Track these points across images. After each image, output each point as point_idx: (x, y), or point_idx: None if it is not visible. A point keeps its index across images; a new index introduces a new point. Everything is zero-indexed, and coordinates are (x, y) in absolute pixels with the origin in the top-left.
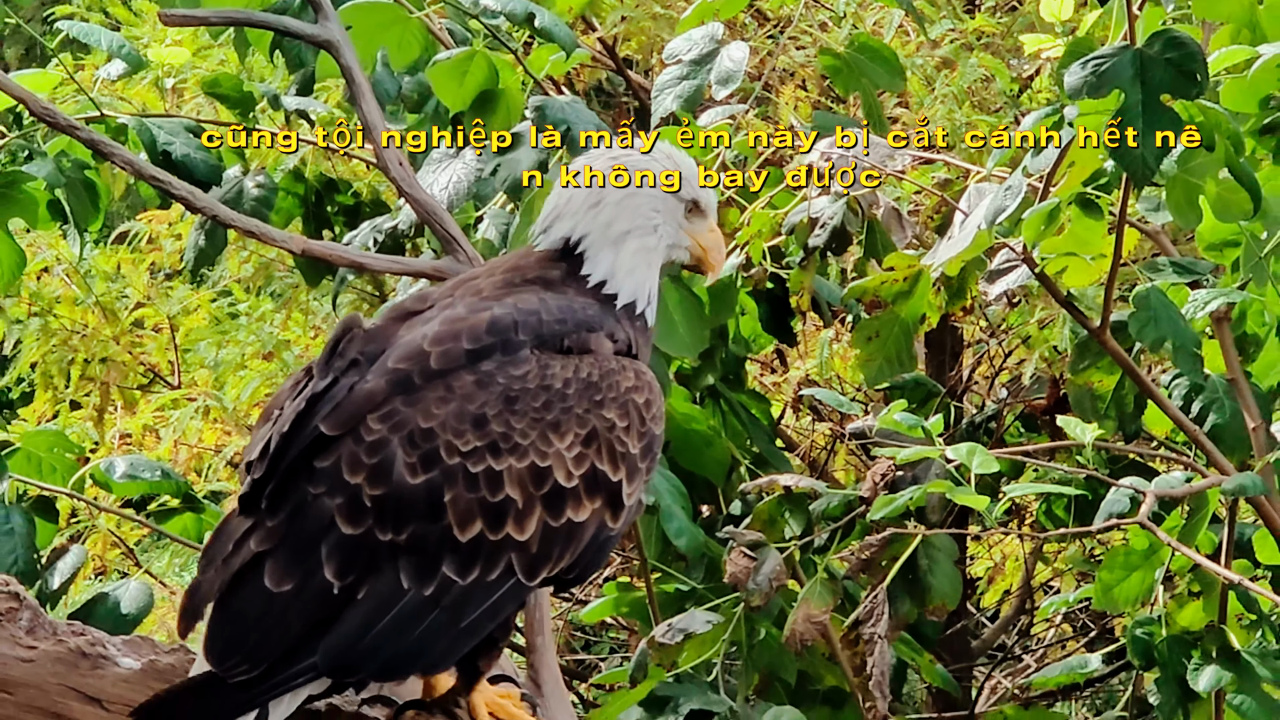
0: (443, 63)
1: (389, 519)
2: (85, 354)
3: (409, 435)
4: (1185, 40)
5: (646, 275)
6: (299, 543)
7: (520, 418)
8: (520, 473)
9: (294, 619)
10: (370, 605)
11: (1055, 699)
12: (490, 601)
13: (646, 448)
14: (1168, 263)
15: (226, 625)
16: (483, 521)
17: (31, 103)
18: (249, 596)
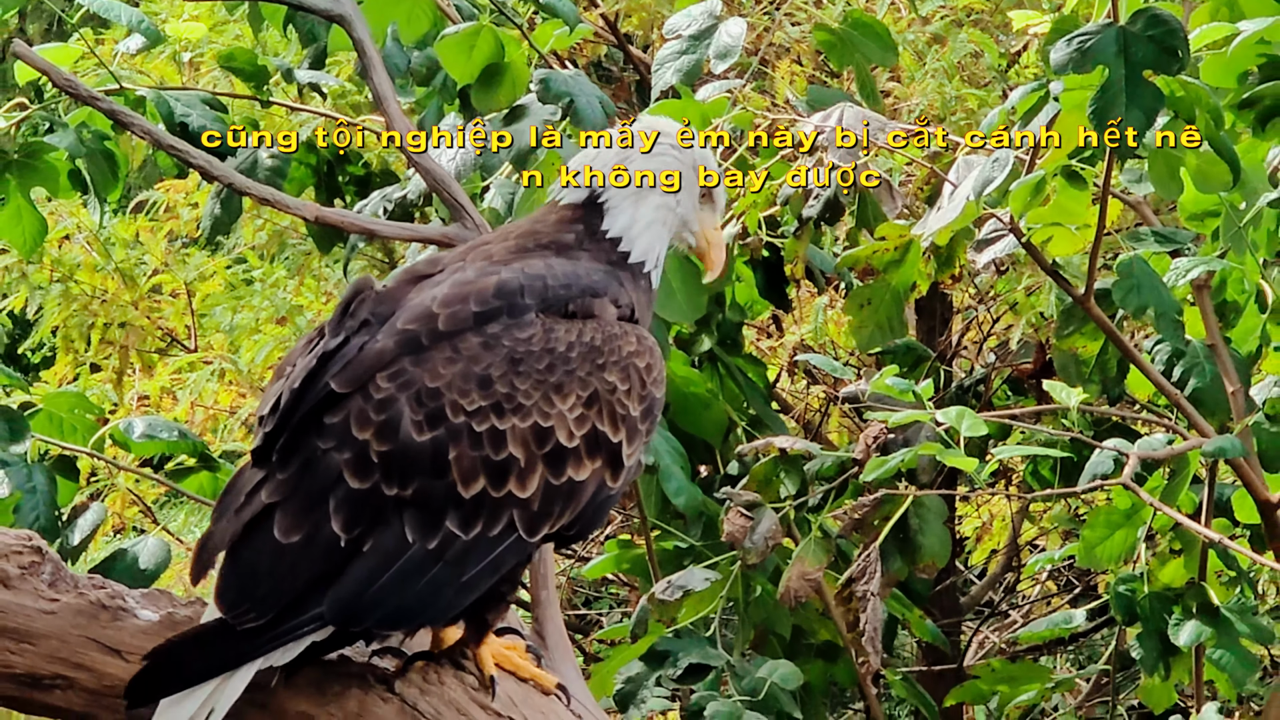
0: (450, 37)
1: (395, 474)
2: (105, 318)
3: (416, 394)
4: (1167, 18)
5: (659, 236)
6: (308, 496)
7: (524, 379)
8: (523, 432)
9: (302, 570)
10: (376, 558)
11: (1040, 653)
12: (492, 556)
13: (647, 410)
14: (1149, 232)
15: (237, 574)
16: (486, 479)
17: (54, 74)
18: (259, 547)
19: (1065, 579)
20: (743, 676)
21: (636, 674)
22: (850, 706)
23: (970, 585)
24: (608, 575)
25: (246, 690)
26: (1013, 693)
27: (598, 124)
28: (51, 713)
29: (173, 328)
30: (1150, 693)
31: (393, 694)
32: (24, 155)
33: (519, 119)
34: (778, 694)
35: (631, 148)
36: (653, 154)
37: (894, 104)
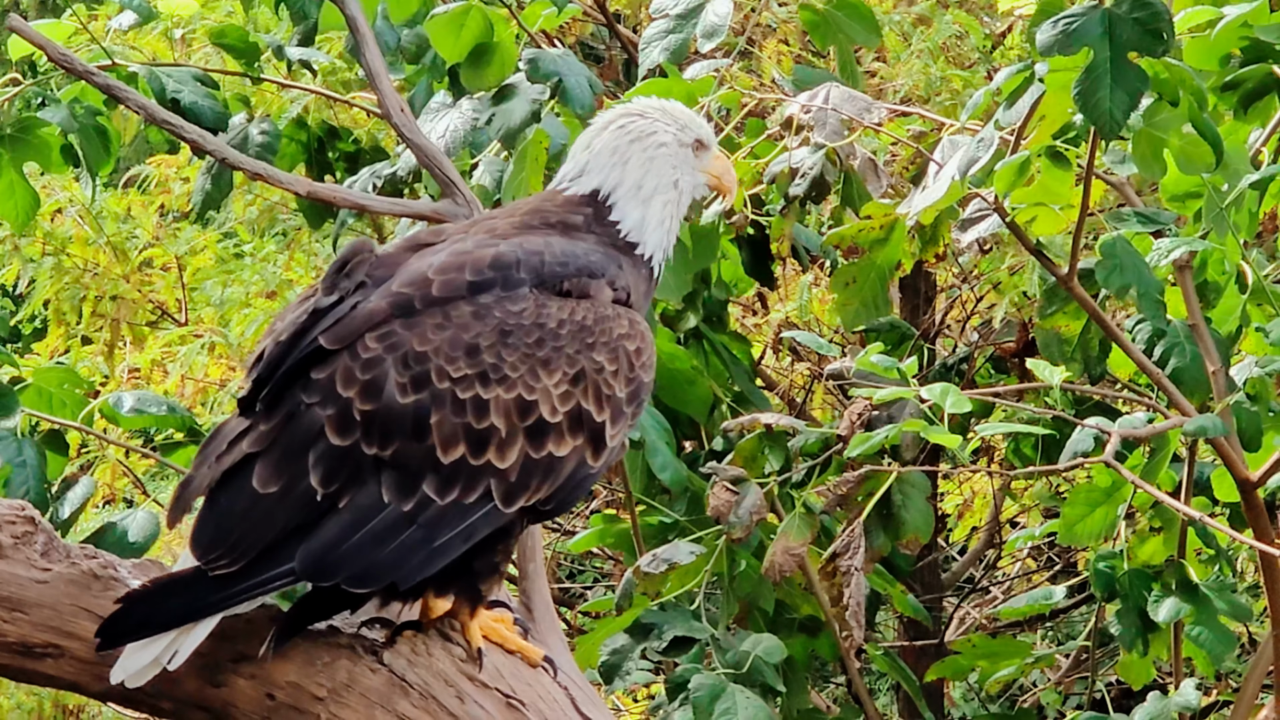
0: (440, 16)
1: (375, 434)
2: (96, 291)
3: (403, 356)
4: (1152, 0)
5: (670, 229)
6: (288, 448)
7: (512, 351)
8: (506, 403)
9: (277, 520)
10: (350, 515)
11: (1021, 629)
12: (465, 524)
13: (633, 393)
14: (1132, 213)
15: (213, 519)
16: (465, 446)
17: (50, 49)
18: (236, 494)
19: (1046, 556)
20: (727, 650)
21: (621, 646)
22: (833, 680)
23: (952, 562)
24: (592, 549)
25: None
26: (992, 668)
27: (586, 104)
28: (43, 681)
29: (163, 301)
30: (1129, 668)
31: (381, 665)
32: (17, 130)
33: (508, 98)
34: (761, 667)
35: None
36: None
37: (879, 84)
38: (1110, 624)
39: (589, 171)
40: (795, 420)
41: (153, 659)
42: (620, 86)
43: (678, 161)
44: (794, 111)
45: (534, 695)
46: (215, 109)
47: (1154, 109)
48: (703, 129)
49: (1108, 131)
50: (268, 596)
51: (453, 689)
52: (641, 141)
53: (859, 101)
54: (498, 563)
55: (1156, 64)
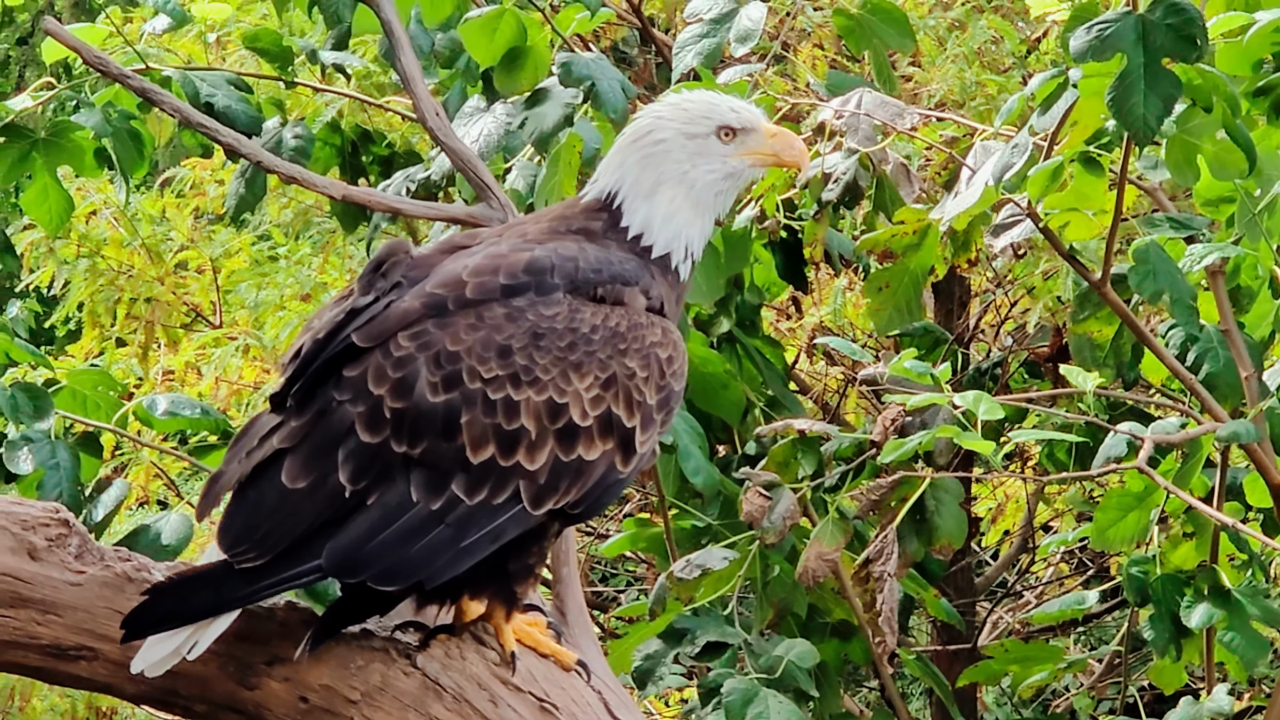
0: (473, 20)
1: (405, 432)
2: (131, 294)
3: (435, 355)
4: (1185, 6)
5: (686, 223)
6: (318, 444)
7: (544, 354)
8: (537, 405)
9: (305, 515)
10: (379, 513)
11: (1053, 634)
12: (494, 525)
13: (664, 400)
14: (1164, 218)
15: (241, 513)
16: (495, 446)
17: (85, 52)
18: (266, 489)
19: (1078, 560)
20: (759, 655)
21: (654, 651)
22: (865, 684)
23: (985, 566)
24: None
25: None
26: (1025, 673)
27: (619, 108)
28: (76, 683)
29: (198, 303)
30: (1161, 673)
31: (415, 668)
32: (51, 134)
33: (541, 102)
34: (794, 672)
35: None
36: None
37: (914, 89)
38: (1143, 629)
39: (599, 177)
40: (828, 426)
41: (173, 649)
42: (654, 91)
43: (687, 154)
44: (827, 117)
45: (567, 699)
46: (249, 113)
47: (1187, 115)
48: (729, 114)
49: (1141, 137)
50: (293, 593)
51: (486, 692)
52: (639, 141)
53: (891, 107)
54: (532, 565)
55: (1190, 70)
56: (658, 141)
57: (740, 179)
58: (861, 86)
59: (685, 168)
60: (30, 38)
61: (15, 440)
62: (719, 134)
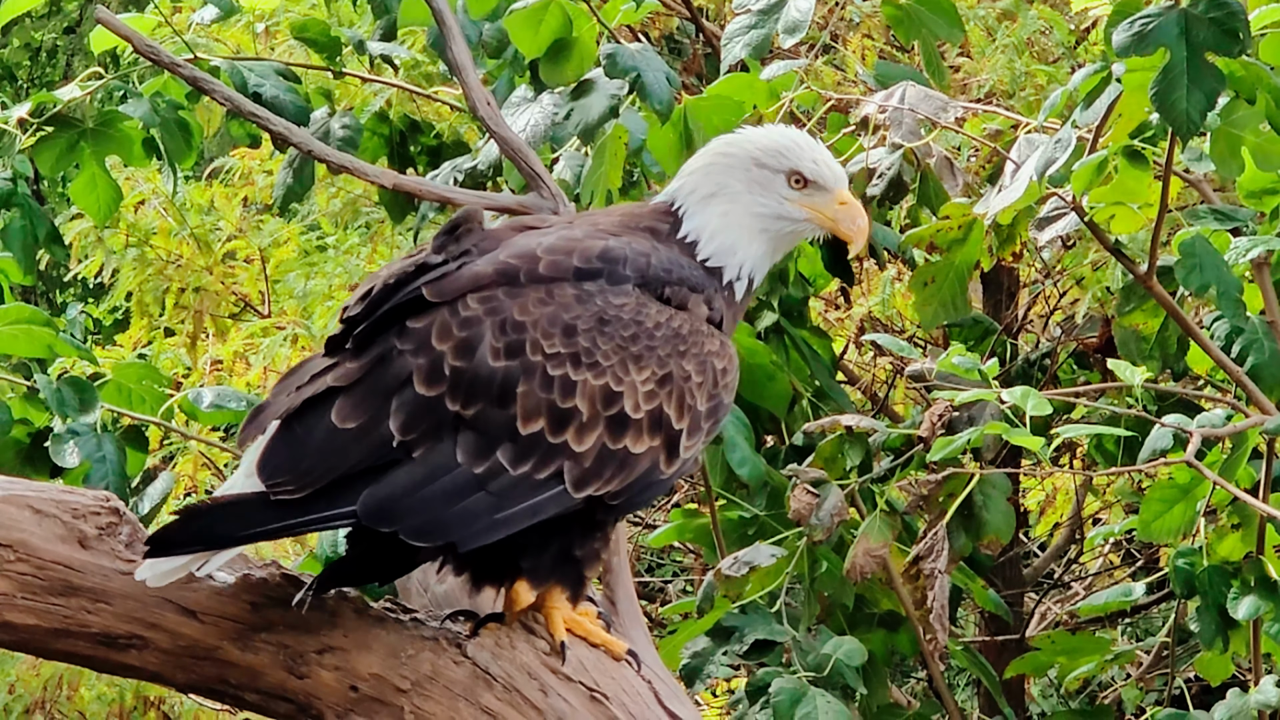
0: (519, 11)
1: (461, 391)
2: (179, 283)
3: (501, 322)
4: (1228, 0)
5: (737, 241)
6: (373, 388)
7: (607, 340)
8: (593, 389)
9: (350, 456)
10: (422, 469)
11: (1102, 625)
12: (534, 500)
13: (712, 410)
14: (1208, 210)
15: (286, 444)
16: (546, 422)
17: (136, 40)
18: (314, 424)
19: (1126, 551)
20: (808, 652)
21: (702, 649)
22: (913, 675)
23: (1034, 557)
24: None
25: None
26: (1071, 664)
27: (664, 99)
28: (126, 672)
29: (246, 293)
30: (1208, 665)
31: (465, 657)
32: (99, 124)
33: (586, 93)
34: (842, 670)
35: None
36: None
37: (963, 79)
38: (1190, 621)
39: (671, 185)
40: (875, 422)
41: (182, 564)
42: (703, 81)
43: (748, 179)
44: (870, 111)
45: (617, 689)
46: (296, 103)
47: (1231, 107)
48: (808, 163)
49: (1185, 132)
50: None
51: (536, 682)
52: (711, 152)
53: (935, 100)
54: (599, 550)
55: (1233, 63)
56: (727, 156)
57: (794, 226)
58: (909, 77)
59: (740, 190)
60: (78, 26)
61: (61, 434)
62: (789, 177)
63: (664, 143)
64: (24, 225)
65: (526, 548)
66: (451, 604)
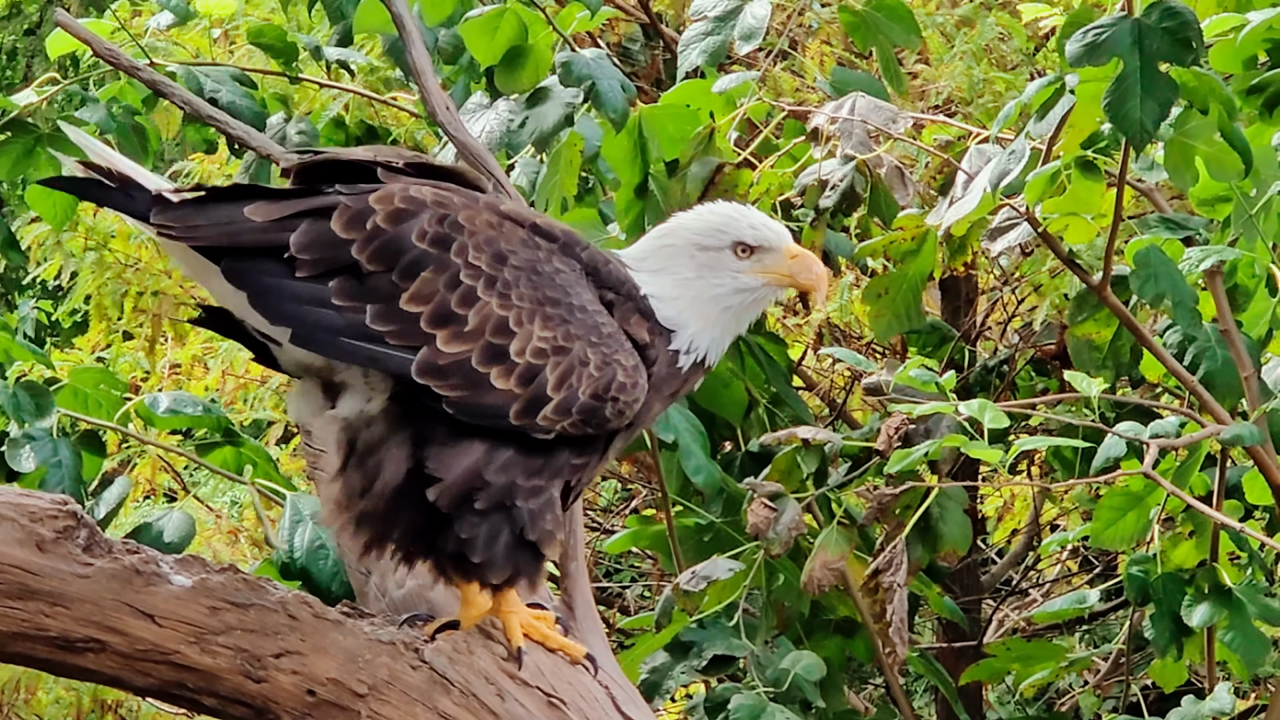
0: (474, 19)
1: (368, 249)
2: (138, 287)
3: (440, 216)
4: (1181, 10)
5: (687, 319)
6: (295, 206)
7: (531, 288)
8: (491, 313)
9: (239, 239)
10: (295, 273)
11: (1060, 632)
12: (376, 350)
13: (590, 409)
14: (1158, 219)
15: (191, 206)
16: (428, 313)
17: (96, 44)
18: (225, 208)
19: (1084, 557)
20: (766, 667)
21: (661, 664)
22: (870, 681)
23: (991, 564)
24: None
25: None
26: (1027, 671)
27: (618, 107)
28: (84, 675)
29: (205, 297)
30: (1162, 672)
31: (422, 662)
32: (55, 129)
33: (541, 101)
34: (801, 684)
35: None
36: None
37: (922, 86)
38: (1145, 628)
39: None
40: (832, 434)
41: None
42: (661, 87)
43: (696, 265)
44: (820, 122)
45: (575, 694)
46: (252, 108)
47: (1184, 117)
48: (747, 231)
49: (1139, 142)
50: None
51: (493, 686)
52: (651, 240)
53: (885, 111)
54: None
55: (1185, 73)
56: (670, 245)
57: (754, 296)
58: (866, 84)
59: (688, 274)
60: (38, 29)
61: (17, 438)
62: (735, 250)
63: (619, 150)
64: None
65: (475, 540)
66: (410, 609)
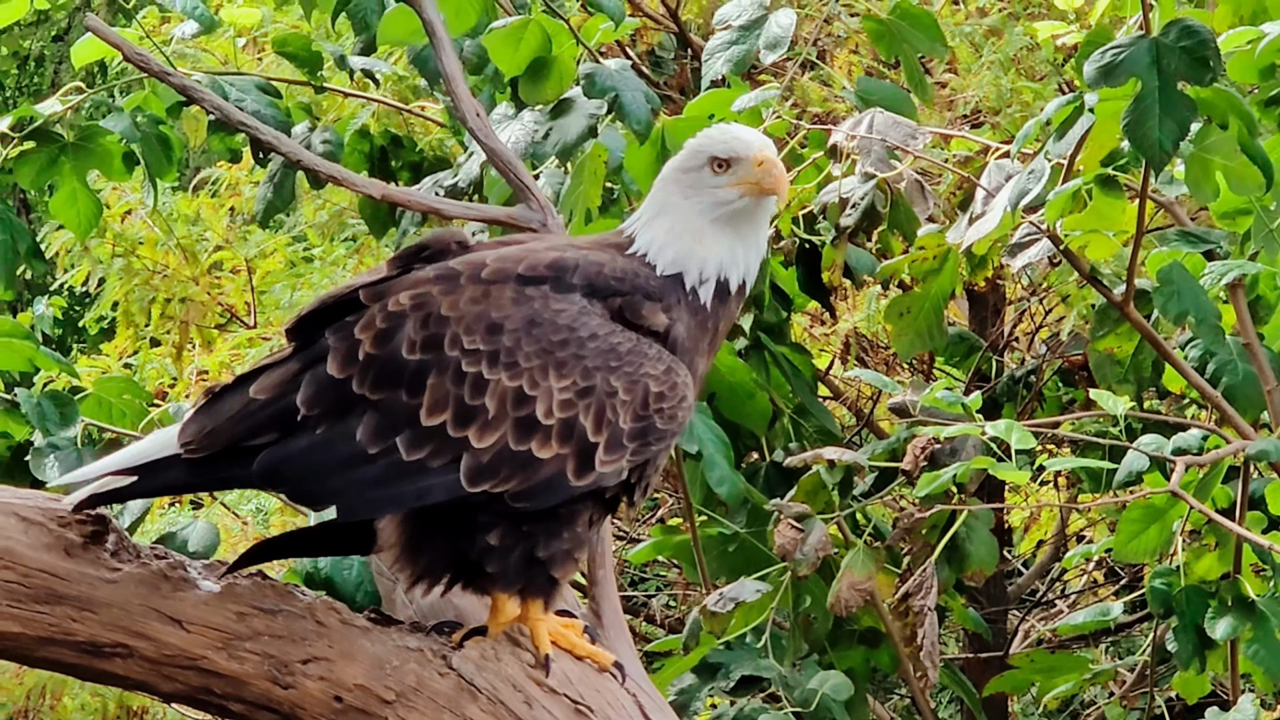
0: (498, 30)
1: (370, 377)
2: (166, 293)
3: (425, 317)
4: (1199, 28)
5: (688, 246)
6: (290, 369)
7: (532, 343)
8: (505, 389)
9: (255, 421)
10: (322, 439)
11: (1085, 643)
12: (423, 483)
13: (640, 431)
14: (1178, 234)
15: (205, 412)
16: (451, 415)
17: (126, 49)
18: (233, 396)
19: (1110, 568)
20: (794, 687)
21: (689, 685)
22: (895, 692)
23: (1017, 574)
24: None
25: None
26: (1050, 683)
27: (642, 119)
28: (111, 681)
29: (233, 304)
30: (1185, 684)
31: (450, 669)
32: (79, 138)
33: (565, 113)
34: (829, 704)
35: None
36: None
37: (950, 95)
38: (1168, 640)
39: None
40: (857, 455)
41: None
42: (689, 96)
43: (681, 188)
44: (839, 140)
45: (602, 702)
46: (277, 117)
47: (1204, 133)
48: (716, 146)
49: (1158, 161)
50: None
51: (521, 694)
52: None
53: (903, 127)
54: (569, 551)
55: (1203, 89)
56: (660, 180)
57: (733, 206)
58: (892, 94)
59: (679, 200)
60: (66, 34)
61: (41, 448)
62: (711, 166)
63: (642, 161)
64: (4, 240)
65: (490, 550)
66: (437, 615)
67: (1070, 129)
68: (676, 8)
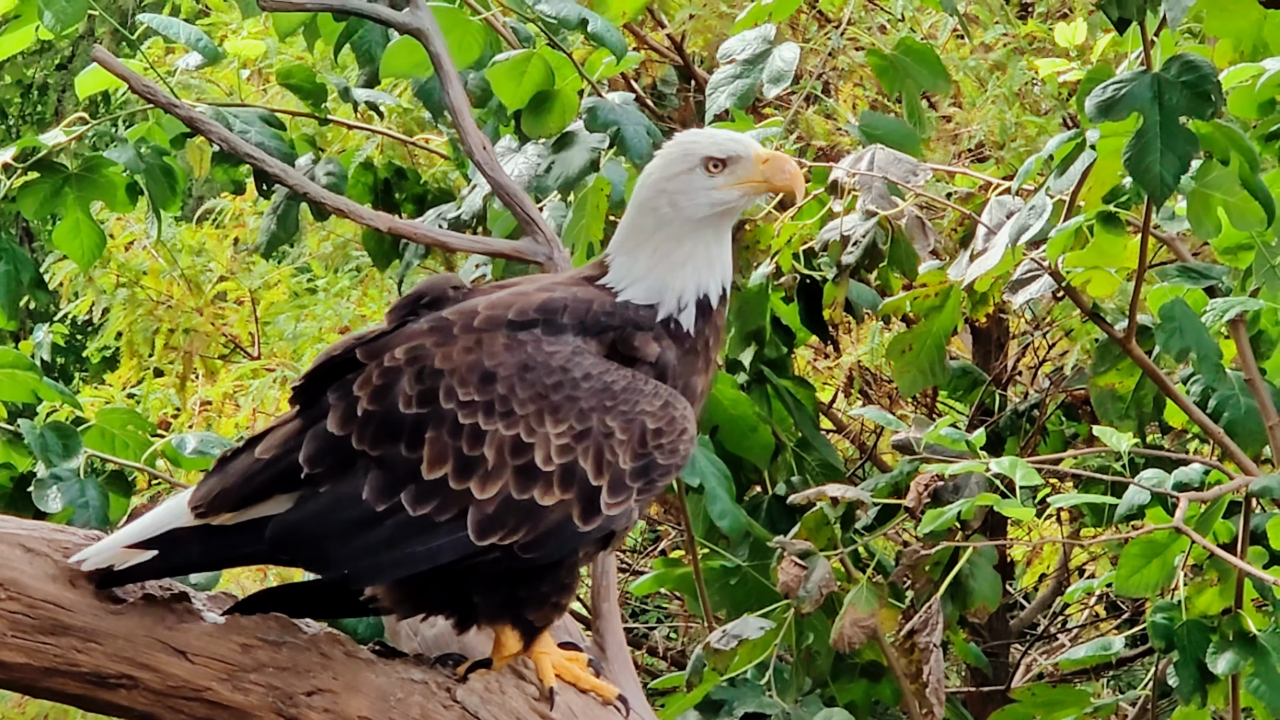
0: (501, 63)
1: (369, 434)
2: (169, 324)
3: (419, 371)
4: (1200, 63)
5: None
6: (293, 430)
7: (526, 389)
8: (502, 438)
9: (261, 482)
10: (329, 500)
11: (1087, 677)
12: (433, 544)
13: (641, 470)
14: (1178, 269)
15: (215, 474)
16: (451, 468)
17: (133, 80)
18: (241, 459)
19: (1111, 602)
20: None
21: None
22: None
23: (1019, 608)
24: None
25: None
26: (1051, 717)
27: (643, 153)
28: (115, 711)
29: (236, 334)
30: (1187, 719)
31: (455, 701)
32: (83, 169)
33: (567, 146)
34: None
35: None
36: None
37: (954, 129)
38: (1169, 675)
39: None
40: (860, 492)
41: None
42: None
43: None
44: (839, 176)
45: None
46: (281, 149)
47: (1205, 168)
48: (710, 147)
49: (1159, 196)
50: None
51: None
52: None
53: (904, 164)
54: (546, 594)
55: (1205, 125)
56: (636, 197)
57: (731, 207)
58: (894, 128)
59: (665, 212)
60: (70, 63)
61: (44, 479)
62: (706, 166)
63: None
64: (8, 270)
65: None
66: (442, 648)
67: (1071, 165)
68: (681, 41)
